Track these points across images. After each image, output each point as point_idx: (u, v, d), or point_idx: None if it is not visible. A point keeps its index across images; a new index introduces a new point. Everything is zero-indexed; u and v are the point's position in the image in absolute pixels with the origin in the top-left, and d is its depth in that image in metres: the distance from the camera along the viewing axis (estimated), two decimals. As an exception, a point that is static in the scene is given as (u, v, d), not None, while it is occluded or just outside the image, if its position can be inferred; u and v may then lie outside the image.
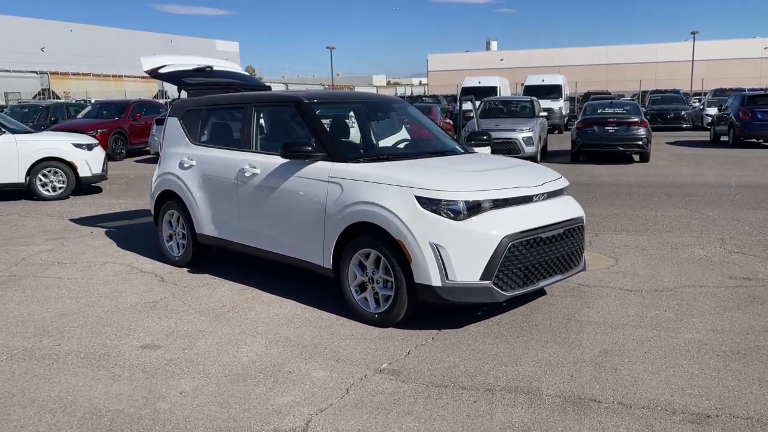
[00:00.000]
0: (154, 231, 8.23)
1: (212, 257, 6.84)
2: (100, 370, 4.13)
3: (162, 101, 30.47)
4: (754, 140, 19.68)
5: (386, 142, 6.23)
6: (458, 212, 4.45)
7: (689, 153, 18.59)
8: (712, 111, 27.00)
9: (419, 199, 4.51)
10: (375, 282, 4.80)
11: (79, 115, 20.70)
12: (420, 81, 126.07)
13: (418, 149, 5.72)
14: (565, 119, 29.33)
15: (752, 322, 4.77)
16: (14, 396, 3.78)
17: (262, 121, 5.92)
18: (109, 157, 18.10)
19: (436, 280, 4.43)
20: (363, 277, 4.88)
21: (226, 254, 7.06)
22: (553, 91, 28.93)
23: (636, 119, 15.46)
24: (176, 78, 7.11)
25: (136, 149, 19.82)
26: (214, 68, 7.44)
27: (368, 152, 5.45)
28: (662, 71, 67.81)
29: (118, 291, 5.84)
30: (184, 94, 7.10)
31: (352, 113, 6.02)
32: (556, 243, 4.79)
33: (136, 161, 18.80)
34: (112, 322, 5.02)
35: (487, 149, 6.42)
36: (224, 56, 79.67)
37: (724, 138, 21.14)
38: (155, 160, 17.75)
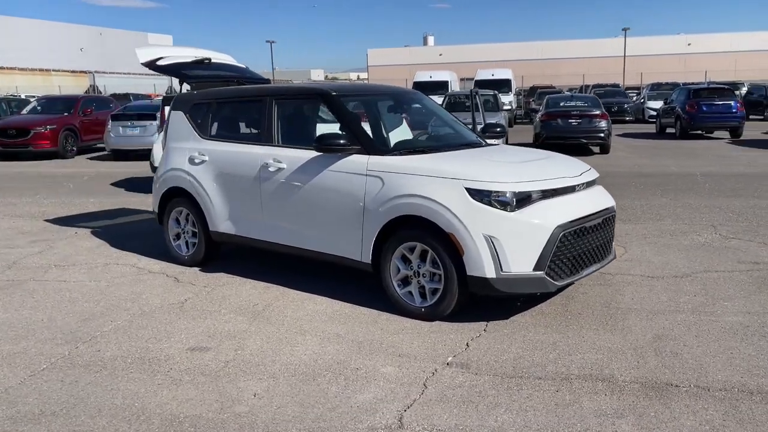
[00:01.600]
0: (147, 230, 8.00)
1: (220, 256, 6.62)
2: (156, 375, 3.95)
3: (101, 96, 29.30)
4: (699, 132, 20.54)
5: (396, 135, 6.19)
6: (510, 203, 4.46)
7: (642, 145, 19.23)
8: (653, 104, 28.05)
9: (469, 190, 4.50)
10: (421, 276, 4.76)
11: (24, 111, 19.74)
12: (359, 76, 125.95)
13: (447, 141, 5.69)
14: (515, 113, 29.85)
15: (781, 304, 4.98)
16: (76, 406, 3.58)
17: (283, 114, 5.77)
18: (60, 155, 17.43)
19: (490, 272, 4.43)
20: (407, 271, 4.83)
21: (235, 252, 6.88)
22: (503, 86, 29.39)
23: (597, 112, 15.89)
24: (176, 70, 6.87)
25: (87, 146, 19.04)
26: (212, 61, 7.21)
27: (403, 145, 5.38)
28: (595, 66, 69.78)
29: (136, 293, 5.60)
30: (180, 88, 6.85)
31: (376, 106, 5.94)
32: (597, 232, 4.87)
33: (90, 159, 18.07)
34: (145, 326, 4.81)
35: (500, 141, 6.45)
36: (157, 50, 77.72)
37: (670, 130, 21.97)
38: (110, 157, 17.16)
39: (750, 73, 59.63)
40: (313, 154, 5.30)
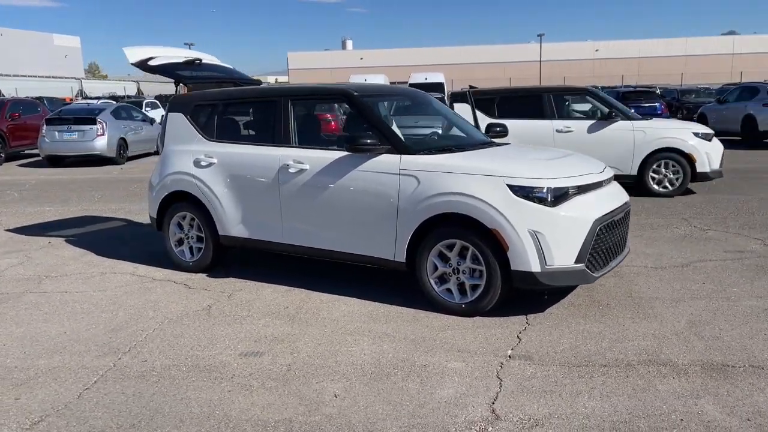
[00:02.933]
0: (127, 237, 7.74)
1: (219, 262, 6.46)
2: (221, 382, 3.84)
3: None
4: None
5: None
6: (551, 199, 4.60)
7: (578, 144, 19.99)
8: (576, 107, 29.20)
9: (512, 187, 4.60)
10: (461, 272, 4.83)
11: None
12: (276, 79, 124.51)
13: (464, 141, 5.76)
14: None
15: (785, 288, 5.35)
16: (153, 417, 3.44)
17: (302, 114, 5.71)
18: (-12, 163, 16.42)
19: (535, 266, 4.55)
20: (445, 268, 4.88)
21: (235, 257, 6.73)
22: (436, 89, 29.81)
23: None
24: (169, 71, 6.65)
25: (15, 153, 18.02)
26: (203, 62, 7.02)
27: (428, 144, 5.42)
28: (511, 71, 72.04)
29: (151, 301, 5.39)
30: (173, 89, 6.65)
31: (394, 106, 5.96)
32: (620, 226, 5.08)
33: (21, 165, 17.09)
34: (180, 333, 4.65)
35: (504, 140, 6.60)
36: (63, 52, 74.10)
37: (600, 130, 22.92)
38: (44, 164, 16.32)
39: (653, 78, 63.00)
40: (339, 154, 5.27)
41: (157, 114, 26.85)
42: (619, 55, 77.83)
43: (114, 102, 26.56)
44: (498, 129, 6.48)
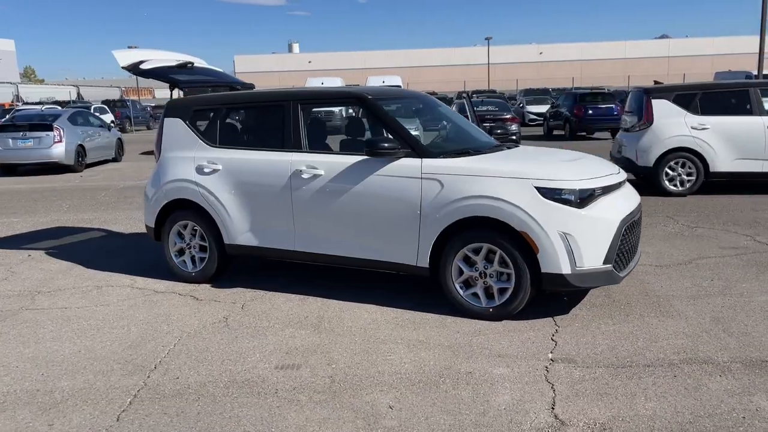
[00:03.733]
0: (111, 247, 7.49)
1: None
2: (266, 397, 3.69)
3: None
4: (582, 132, 22.07)
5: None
6: (578, 200, 4.61)
7: (544, 145, 20.31)
8: (533, 108, 29.76)
9: (540, 189, 4.59)
10: (488, 276, 4.79)
11: None
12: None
13: (477, 144, 5.70)
14: None
15: (791, 283, 5.51)
16: (207, 438, 3.27)
17: (313, 119, 5.57)
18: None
19: (565, 268, 4.55)
20: (471, 272, 4.84)
21: (235, 266, 6.54)
22: None
23: (509, 116, 16.67)
24: (163, 75, 6.42)
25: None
26: (195, 65, 6.81)
27: (448, 147, 5.36)
28: (457, 74, 72.93)
29: (162, 315, 5.18)
30: (170, 93, 6.42)
31: (405, 109, 5.87)
32: (637, 226, 5.14)
33: (-30, 176, 16.29)
34: (205, 348, 4.46)
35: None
36: (-3, 55, 71.12)
37: (557, 132, 23.40)
38: None
39: (594, 80, 64.75)
40: (355, 158, 5.17)
41: (106, 119, 26.05)
42: (562, 58, 79.71)
43: (59, 107, 25.64)
44: (500, 132, 6.50)
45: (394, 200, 4.99)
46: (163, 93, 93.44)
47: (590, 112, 21.18)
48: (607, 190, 4.81)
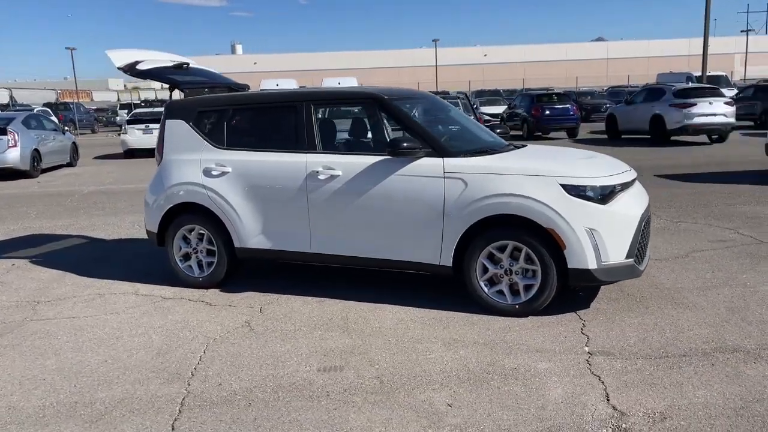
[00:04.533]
0: (99, 254, 7.29)
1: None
2: (320, 400, 3.65)
3: None
4: (539, 133, 22.54)
5: None
6: (602, 197, 4.71)
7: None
8: (486, 109, 30.19)
9: (565, 186, 4.68)
10: (513, 273, 4.85)
11: None
12: (162, 85, 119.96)
13: (489, 143, 5.74)
14: None
15: (787, 273, 5.76)
16: (273, 444, 3.21)
17: (328, 119, 5.53)
18: None
19: (592, 263, 4.65)
20: (496, 269, 4.89)
21: (239, 270, 6.43)
22: None
23: (472, 116, 16.79)
24: (162, 75, 6.26)
25: None
26: (191, 66, 6.67)
27: (466, 146, 5.39)
28: (407, 76, 73.35)
29: (178, 322, 5.05)
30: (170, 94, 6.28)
31: (417, 109, 5.87)
32: (650, 222, 5.30)
33: None
34: (237, 353, 4.38)
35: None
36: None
37: (514, 132, 23.79)
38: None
39: (538, 82, 66.14)
40: (374, 159, 5.17)
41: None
42: (506, 60, 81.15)
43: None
44: (498, 132, 6.57)
45: (416, 200, 5.00)
46: (101, 96, 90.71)
47: (547, 112, 21.64)
48: (624, 186, 4.93)
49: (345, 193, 5.21)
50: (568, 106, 21.85)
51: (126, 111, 38.89)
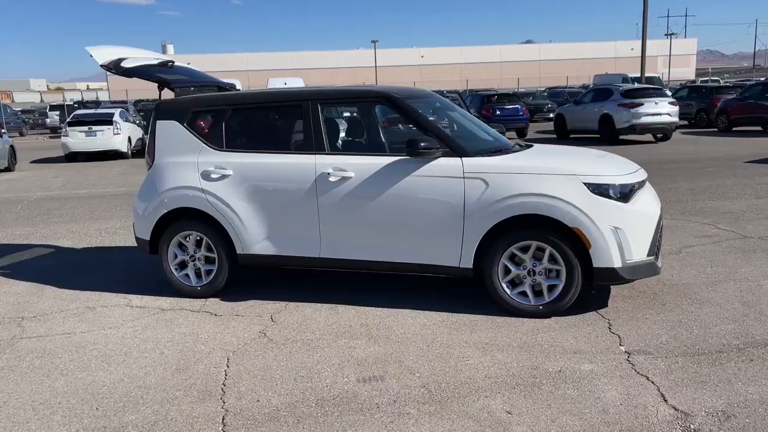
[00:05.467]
0: (70, 265, 6.82)
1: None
2: (373, 413, 3.48)
3: None
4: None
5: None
6: (622, 195, 4.71)
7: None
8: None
9: (588, 185, 4.65)
10: (536, 274, 4.79)
11: None
12: (88, 85, 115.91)
13: (502, 144, 5.60)
14: None
15: (782, 266, 5.91)
16: (340, 463, 3.03)
17: (336, 119, 5.33)
18: None
19: (617, 262, 4.63)
20: (519, 270, 4.82)
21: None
22: None
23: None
24: (149, 74, 5.91)
25: None
26: (175, 64, 6.34)
27: (481, 145, 5.29)
28: (346, 77, 73.13)
29: (187, 334, 4.77)
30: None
31: (431, 108, 5.72)
32: (661, 220, 5.33)
33: None
34: (264, 366, 4.15)
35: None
36: None
37: (464, 132, 23.99)
38: None
39: (477, 83, 67.14)
40: (388, 160, 5.02)
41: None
42: (442, 61, 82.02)
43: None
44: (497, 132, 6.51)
45: (435, 201, 4.87)
46: (22, 97, 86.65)
47: (498, 112, 21.92)
48: (640, 185, 4.94)
49: (358, 196, 5.04)
50: (518, 106, 22.18)
51: (57, 112, 37.17)
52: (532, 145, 5.57)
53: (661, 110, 18.31)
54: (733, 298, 5.09)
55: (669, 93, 20.28)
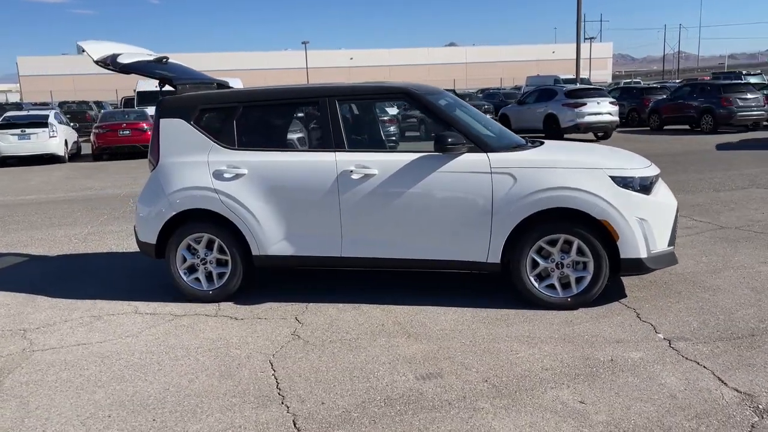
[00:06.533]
0: (53, 274, 6.48)
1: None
2: (448, 410, 3.44)
3: None
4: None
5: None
6: (643, 187, 4.85)
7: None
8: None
9: (614, 178, 4.76)
10: (564, 266, 4.86)
11: None
12: (14, 88, 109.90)
13: (516, 139, 5.60)
14: None
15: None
16: (438, 461, 2.98)
17: (354, 116, 5.25)
18: None
19: (643, 253, 4.76)
20: (547, 264, 4.88)
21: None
22: None
23: (387, 117, 16.81)
24: (147, 69, 5.67)
25: None
26: (169, 61, 6.11)
27: (501, 141, 5.31)
28: (273, 78, 72.23)
29: (219, 339, 4.59)
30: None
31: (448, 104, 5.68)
32: None
33: None
34: (313, 368, 4.04)
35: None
36: None
37: (410, 133, 24.15)
38: None
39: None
40: (412, 156, 4.99)
41: None
42: (371, 63, 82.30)
43: None
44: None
45: (462, 197, 4.87)
46: None
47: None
48: (657, 178, 5.10)
49: (383, 193, 4.98)
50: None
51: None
52: (543, 142, 5.63)
53: (603, 110, 18.98)
54: (739, 284, 5.31)
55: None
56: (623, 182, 4.76)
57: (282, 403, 3.58)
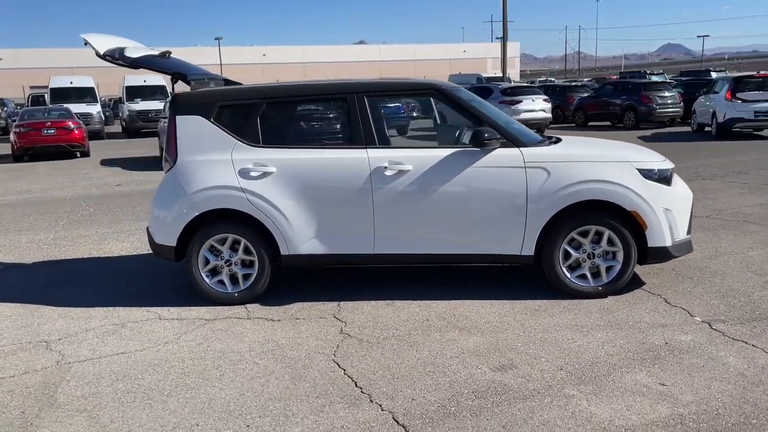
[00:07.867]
0: (43, 280, 6.09)
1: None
2: (542, 398, 3.52)
3: None
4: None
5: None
6: (664, 179, 5.11)
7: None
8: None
9: (641, 171, 4.99)
10: (595, 257, 5.05)
11: None
12: None
13: (534, 135, 5.73)
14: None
15: None
16: (560, 448, 3.06)
17: (384, 112, 5.23)
18: None
19: (668, 241, 5.01)
20: (578, 254, 5.05)
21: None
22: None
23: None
24: (156, 64, 5.44)
25: None
26: (171, 56, 5.88)
27: (528, 137, 5.41)
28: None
29: (268, 342, 4.48)
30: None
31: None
32: None
33: None
34: (382, 365, 4.02)
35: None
36: None
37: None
38: None
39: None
40: (446, 152, 5.04)
41: None
42: (284, 60, 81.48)
43: None
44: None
45: (496, 191, 4.96)
46: None
47: (382, 111, 22.20)
48: (673, 170, 5.37)
49: (418, 189, 5.00)
50: (399, 104, 22.62)
51: None
52: (560, 138, 5.80)
53: (537, 107, 19.68)
54: (740, 269, 5.67)
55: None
56: (648, 174, 4.98)
57: (371, 401, 3.54)
